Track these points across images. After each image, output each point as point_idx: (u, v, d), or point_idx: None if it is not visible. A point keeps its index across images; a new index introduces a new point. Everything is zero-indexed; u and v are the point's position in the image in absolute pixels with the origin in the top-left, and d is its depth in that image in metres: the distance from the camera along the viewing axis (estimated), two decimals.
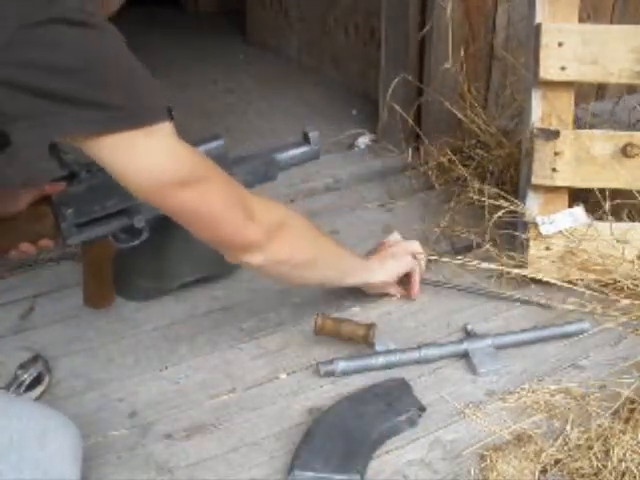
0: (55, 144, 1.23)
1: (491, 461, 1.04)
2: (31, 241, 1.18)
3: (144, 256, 1.37)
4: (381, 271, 1.34)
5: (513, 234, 1.49)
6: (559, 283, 1.41)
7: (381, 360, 1.23)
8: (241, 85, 2.73)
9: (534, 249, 1.45)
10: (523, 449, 1.05)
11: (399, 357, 1.24)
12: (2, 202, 1.17)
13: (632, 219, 1.49)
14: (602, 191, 1.44)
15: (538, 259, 1.44)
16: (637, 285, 1.37)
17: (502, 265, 1.46)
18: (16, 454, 0.87)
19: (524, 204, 1.47)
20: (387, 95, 1.90)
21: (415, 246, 1.41)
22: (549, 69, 1.43)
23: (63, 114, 0.85)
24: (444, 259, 1.53)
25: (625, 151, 1.42)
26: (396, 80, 1.87)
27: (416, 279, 1.41)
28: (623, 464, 1.01)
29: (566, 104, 1.47)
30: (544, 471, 1.03)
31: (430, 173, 1.87)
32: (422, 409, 1.13)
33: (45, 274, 1.50)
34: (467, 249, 1.57)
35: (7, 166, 1.94)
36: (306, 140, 1.38)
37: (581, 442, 1.06)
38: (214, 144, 1.29)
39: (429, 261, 1.48)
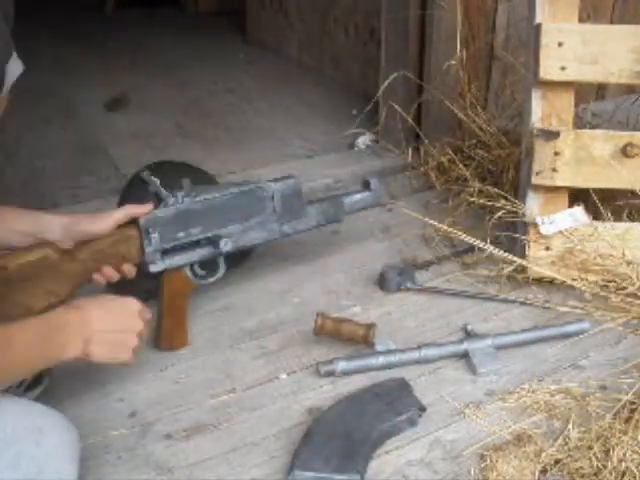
0: (142, 170, 1.25)
1: (491, 461, 1.04)
2: (114, 265, 1.17)
3: None
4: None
5: (513, 234, 1.49)
6: (559, 283, 1.41)
7: (381, 360, 1.23)
8: (241, 85, 2.74)
9: (534, 249, 1.45)
10: (523, 449, 1.05)
11: (399, 357, 1.24)
12: (91, 222, 1.15)
13: (632, 219, 1.50)
14: (602, 191, 1.44)
15: (538, 259, 1.44)
16: (637, 285, 1.37)
17: (502, 266, 1.46)
18: (11, 451, 0.87)
19: (524, 204, 1.47)
20: (384, 92, 1.90)
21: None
22: (549, 69, 1.43)
23: None
24: (444, 261, 1.53)
25: (625, 151, 1.42)
26: (394, 75, 1.87)
27: None
28: (623, 464, 1.01)
29: (566, 104, 1.47)
30: (544, 471, 1.03)
31: (430, 173, 1.88)
32: (422, 409, 1.13)
33: None
34: (467, 250, 1.56)
35: (7, 165, 1.94)
36: (367, 187, 1.47)
37: (581, 442, 1.07)
38: (291, 181, 1.35)
39: (430, 264, 1.47)
